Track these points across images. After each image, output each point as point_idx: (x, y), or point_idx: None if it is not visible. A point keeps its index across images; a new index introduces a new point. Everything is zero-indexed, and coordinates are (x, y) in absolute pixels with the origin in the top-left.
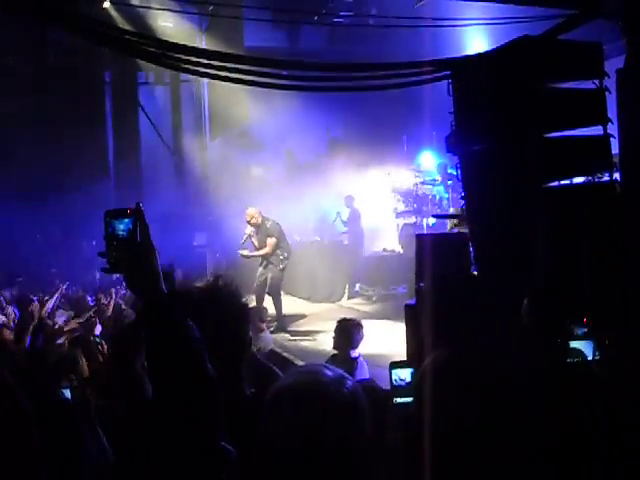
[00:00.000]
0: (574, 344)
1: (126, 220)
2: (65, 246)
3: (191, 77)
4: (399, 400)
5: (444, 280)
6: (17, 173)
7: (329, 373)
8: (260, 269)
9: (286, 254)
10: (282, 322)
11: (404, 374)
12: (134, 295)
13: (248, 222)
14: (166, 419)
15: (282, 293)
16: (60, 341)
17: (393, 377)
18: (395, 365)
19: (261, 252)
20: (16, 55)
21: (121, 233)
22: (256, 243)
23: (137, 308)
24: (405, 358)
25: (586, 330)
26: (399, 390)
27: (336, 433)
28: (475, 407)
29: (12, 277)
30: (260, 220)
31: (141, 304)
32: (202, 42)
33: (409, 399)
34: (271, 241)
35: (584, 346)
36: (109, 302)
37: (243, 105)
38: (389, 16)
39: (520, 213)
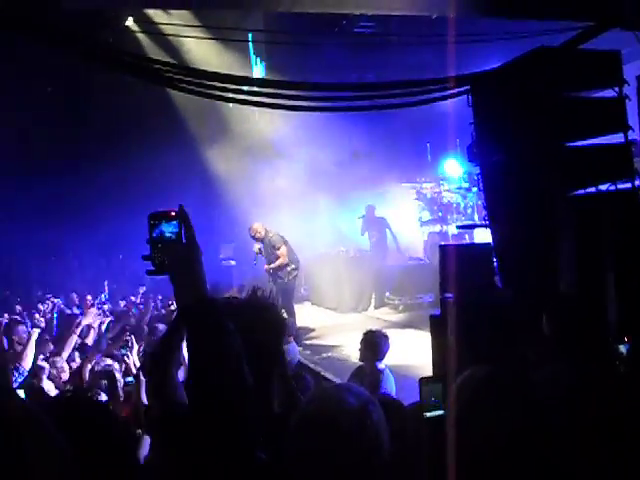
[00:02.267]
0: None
1: (169, 222)
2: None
3: None
4: (429, 415)
5: (468, 291)
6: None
7: (353, 401)
8: (269, 284)
9: (294, 266)
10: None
11: (435, 390)
12: (178, 297)
13: (252, 237)
14: (206, 424)
15: (309, 304)
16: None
17: (423, 394)
18: (425, 381)
19: (280, 262)
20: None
21: (168, 235)
22: (265, 257)
23: (180, 310)
24: (431, 368)
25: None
26: (428, 406)
27: (354, 461)
28: (516, 422)
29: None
30: (264, 233)
31: (184, 306)
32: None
33: (439, 412)
34: (282, 251)
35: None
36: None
37: (266, 116)
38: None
39: (542, 223)
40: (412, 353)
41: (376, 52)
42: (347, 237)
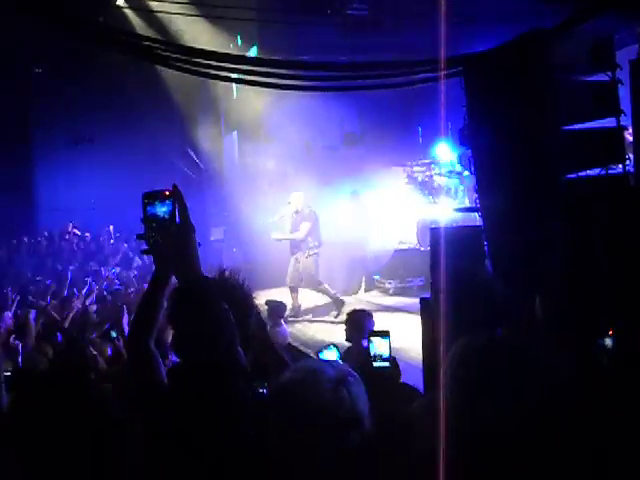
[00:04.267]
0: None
1: (164, 202)
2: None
3: None
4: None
5: (458, 274)
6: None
7: (330, 372)
8: (291, 259)
9: (317, 243)
10: (338, 304)
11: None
12: (175, 275)
13: (289, 203)
14: (195, 405)
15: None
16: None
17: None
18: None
19: (294, 235)
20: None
21: (161, 214)
22: (290, 226)
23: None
24: (420, 351)
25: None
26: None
27: (330, 434)
28: (517, 391)
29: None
30: (301, 206)
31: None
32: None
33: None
34: (305, 225)
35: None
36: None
37: (257, 98)
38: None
39: (533, 207)
40: (402, 335)
41: (368, 34)
42: (336, 221)
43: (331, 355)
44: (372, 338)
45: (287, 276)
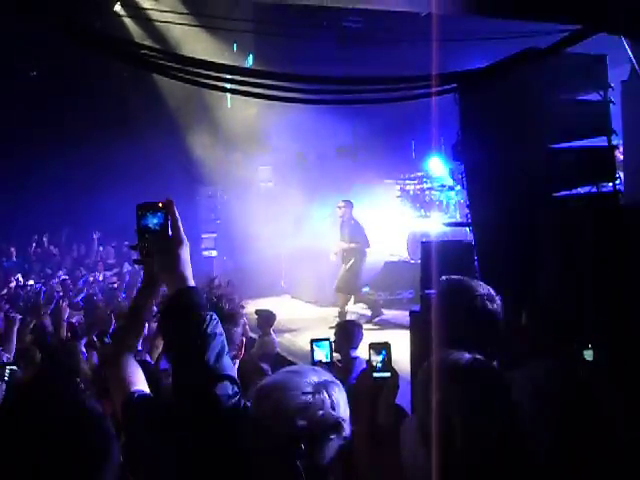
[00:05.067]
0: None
1: (157, 214)
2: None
3: None
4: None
5: (448, 287)
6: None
7: (312, 377)
8: (342, 266)
9: (359, 255)
10: (376, 311)
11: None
12: (165, 285)
13: (339, 208)
14: (185, 414)
15: (289, 297)
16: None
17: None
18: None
19: (346, 246)
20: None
21: (153, 226)
22: (339, 232)
23: (163, 299)
24: (409, 363)
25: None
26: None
27: (309, 435)
28: (491, 413)
29: None
30: (342, 213)
31: (168, 295)
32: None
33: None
34: (350, 244)
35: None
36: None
37: (251, 108)
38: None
39: (524, 223)
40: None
41: (363, 48)
42: (326, 232)
43: (320, 353)
44: (372, 349)
45: (338, 281)
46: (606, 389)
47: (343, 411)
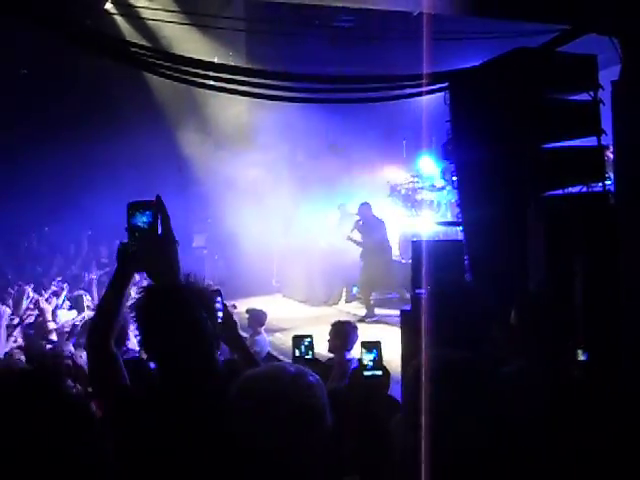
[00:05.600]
0: None
1: (147, 212)
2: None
3: None
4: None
5: (439, 287)
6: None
7: (291, 369)
8: (363, 264)
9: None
10: (370, 311)
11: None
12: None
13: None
14: (172, 408)
15: (281, 296)
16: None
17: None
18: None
19: (359, 241)
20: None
21: (142, 224)
22: (352, 233)
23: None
24: (400, 363)
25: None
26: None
27: (292, 419)
28: (476, 409)
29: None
30: (368, 215)
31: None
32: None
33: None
34: (363, 237)
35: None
36: None
37: (242, 106)
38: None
39: (514, 222)
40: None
41: (355, 47)
42: (318, 231)
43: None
44: (364, 347)
45: (360, 278)
46: (598, 388)
47: (322, 401)
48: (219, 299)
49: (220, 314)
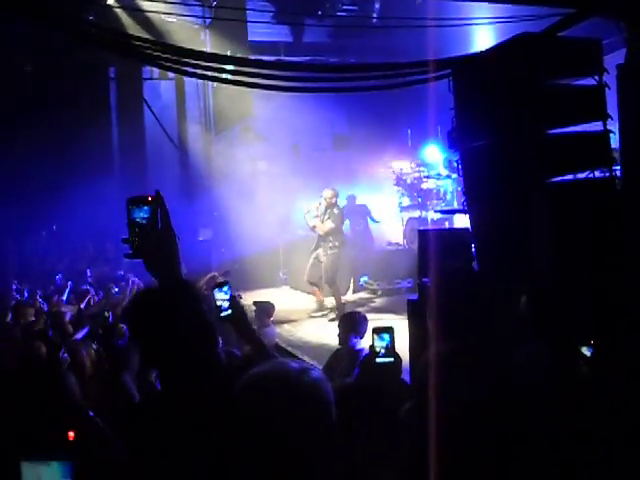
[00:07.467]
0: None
1: (146, 207)
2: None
3: None
4: (379, 360)
5: (446, 275)
6: (18, 171)
7: (294, 365)
8: (312, 255)
9: (337, 243)
10: (340, 310)
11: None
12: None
13: (324, 198)
14: (177, 406)
15: (288, 288)
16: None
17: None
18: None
19: (319, 228)
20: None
21: (141, 220)
22: (311, 222)
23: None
24: (408, 352)
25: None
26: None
27: (298, 416)
28: (485, 395)
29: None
30: (333, 202)
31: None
32: (205, 38)
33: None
34: (327, 225)
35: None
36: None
37: (247, 100)
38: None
39: (520, 209)
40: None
41: (358, 36)
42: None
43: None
44: (375, 334)
45: (306, 272)
46: (605, 379)
47: (326, 395)
48: (227, 289)
49: (227, 304)
